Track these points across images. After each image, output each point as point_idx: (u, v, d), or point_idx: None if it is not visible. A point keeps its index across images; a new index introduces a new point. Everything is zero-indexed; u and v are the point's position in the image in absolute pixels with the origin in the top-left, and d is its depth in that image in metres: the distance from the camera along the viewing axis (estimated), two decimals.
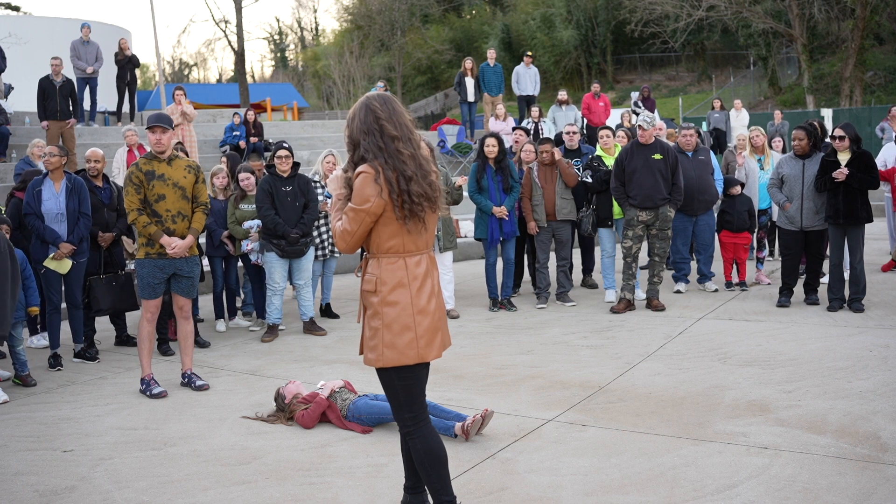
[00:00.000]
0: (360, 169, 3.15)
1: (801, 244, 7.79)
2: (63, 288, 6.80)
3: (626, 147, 7.98)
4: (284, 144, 7.49)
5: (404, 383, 3.26)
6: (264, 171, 8.31)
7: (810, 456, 4.11)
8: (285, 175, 7.37)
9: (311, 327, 7.60)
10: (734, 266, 8.79)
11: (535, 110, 14.92)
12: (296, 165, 7.48)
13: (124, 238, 7.38)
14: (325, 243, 8.03)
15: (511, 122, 15.03)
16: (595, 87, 16.31)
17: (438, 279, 3.36)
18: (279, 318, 7.49)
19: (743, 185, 8.86)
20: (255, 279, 7.88)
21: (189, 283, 5.85)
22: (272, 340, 7.36)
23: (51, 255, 6.62)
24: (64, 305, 6.89)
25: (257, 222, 7.41)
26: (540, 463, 4.20)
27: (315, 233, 7.94)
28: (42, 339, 7.44)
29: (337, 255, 8.22)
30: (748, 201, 8.79)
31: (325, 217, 7.99)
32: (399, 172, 3.13)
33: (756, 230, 9.25)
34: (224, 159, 8.87)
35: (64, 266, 6.67)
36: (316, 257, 7.97)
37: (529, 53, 17.73)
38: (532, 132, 14.07)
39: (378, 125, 3.17)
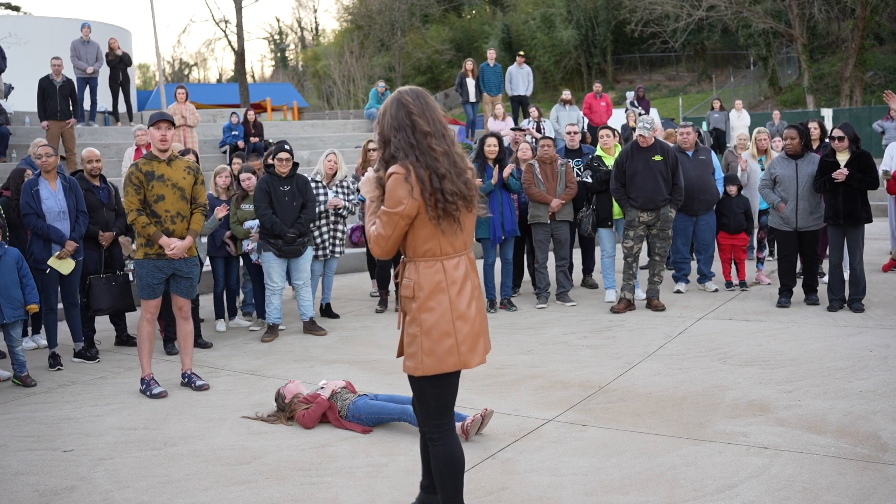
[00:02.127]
0: (391, 170, 3.04)
1: (795, 245, 7.78)
2: (60, 288, 6.81)
3: (625, 148, 7.98)
4: (286, 146, 7.48)
5: (437, 391, 3.16)
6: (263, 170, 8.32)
7: (810, 456, 4.11)
8: (284, 175, 7.37)
9: (311, 327, 7.60)
10: (733, 266, 8.79)
11: (533, 110, 14.92)
12: (294, 165, 7.48)
13: (122, 238, 7.38)
14: (326, 243, 8.03)
15: (510, 122, 15.04)
16: (597, 86, 16.31)
17: (479, 281, 3.25)
18: (279, 318, 7.49)
19: (741, 188, 8.86)
20: (256, 279, 7.88)
21: (188, 283, 5.85)
22: (272, 340, 7.36)
23: (55, 255, 6.62)
24: (61, 305, 6.90)
25: (258, 222, 7.41)
26: (540, 463, 4.20)
27: (316, 232, 7.94)
28: (31, 342, 7.42)
29: (337, 255, 8.22)
30: (745, 202, 8.79)
31: (325, 217, 7.99)
32: (432, 170, 3.02)
33: (757, 230, 9.25)
34: (238, 161, 8.87)
35: (67, 266, 6.68)
36: (316, 257, 7.97)
37: (521, 53, 17.72)
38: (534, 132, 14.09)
39: (410, 121, 3.06)
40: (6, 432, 5.04)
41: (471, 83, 16.30)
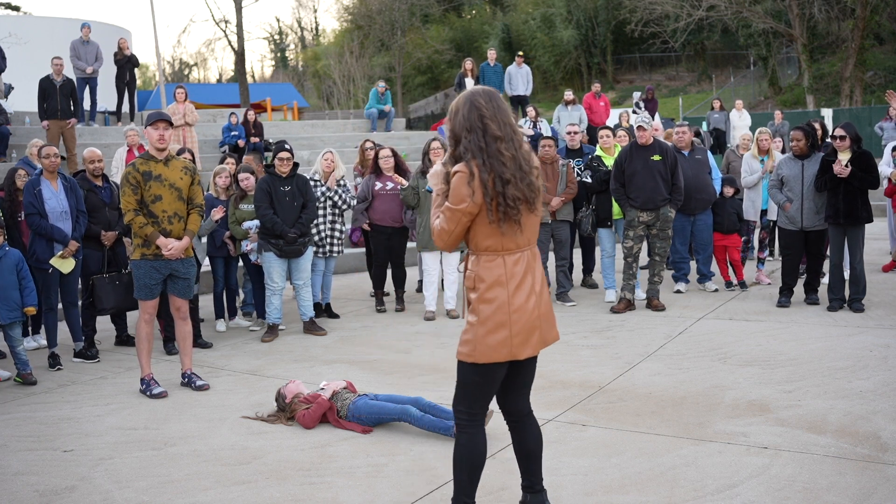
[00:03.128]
0: (456, 168, 3.10)
1: (801, 244, 7.79)
2: (59, 288, 6.81)
3: (625, 149, 7.98)
4: (286, 146, 7.47)
5: (481, 380, 3.22)
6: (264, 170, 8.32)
7: (810, 456, 4.11)
8: (284, 175, 7.37)
9: (310, 327, 7.60)
10: (730, 266, 8.81)
11: (531, 110, 14.91)
12: (295, 165, 7.48)
13: (126, 239, 7.37)
14: (325, 241, 8.04)
15: None
16: (596, 86, 16.31)
17: (543, 275, 3.30)
18: (279, 318, 7.49)
19: (737, 191, 8.87)
20: (256, 279, 7.88)
21: (185, 284, 5.84)
22: (272, 340, 7.35)
23: (58, 254, 6.63)
24: (60, 305, 6.90)
25: (256, 222, 7.41)
26: None
27: (314, 230, 7.94)
28: (32, 342, 7.43)
29: (335, 254, 8.22)
30: (738, 204, 8.81)
31: (324, 215, 7.99)
32: (497, 174, 3.05)
33: (759, 230, 9.25)
34: (231, 160, 8.85)
35: (68, 265, 6.69)
36: (316, 253, 7.98)
37: (521, 53, 17.73)
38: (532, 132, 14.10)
39: (482, 123, 3.08)
40: (6, 432, 5.04)
41: (470, 83, 16.29)
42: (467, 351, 3.17)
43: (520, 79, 16.58)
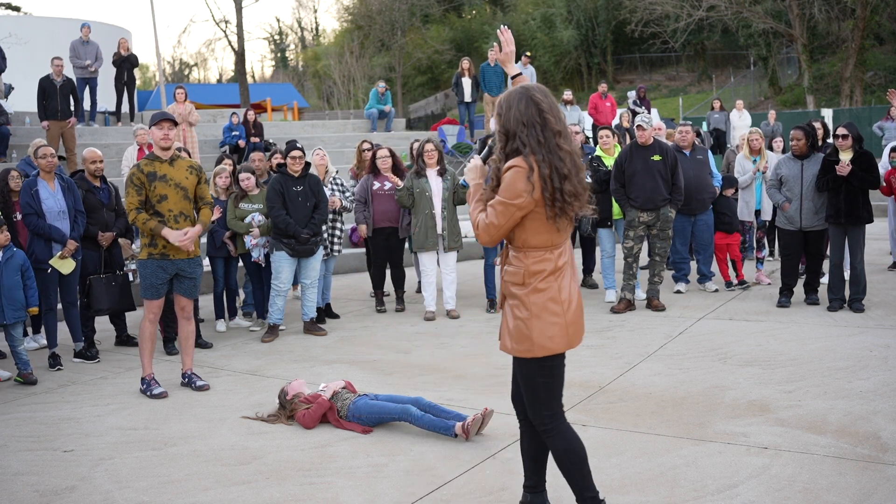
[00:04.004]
0: (512, 162, 3.07)
1: (800, 244, 7.79)
2: (59, 288, 6.81)
3: (625, 149, 7.98)
4: (297, 145, 7.45)
5: (546, 379, 3.20)
6: (269, 170, 8.32)
7: (810, 456, 4.11)
8: (296, 175, 7.35)
9: (311, 327, 7.59)
10: (731, 265, 8.84)
11: None
12: (307, 165, 7.47)
13: (121, 240, 7.37)
14: (324, 241, 8.03)
15: None
16: (602, 87, 16.33)
17: (576, 264, 3.34)
18: (280, 319, 7.49)
19: (737, 190, 8.88)
20: (255, 278, 7.88)
21: (191, 283, 5.85)
22: (272, 340, 7.35)
23: (57, 255, 6.63)
24: (60, 306, 6.90)
25: (258, 216, 7.42)
26: None
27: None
28: (32, 342, 7.43)
29: (335, 254, 8.22)
30: (733, 203, 8.84)
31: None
32: (555, 169, 3.05)
33: (756, 230, 9.25)
34: (228, 160, 8.85)
35: (68, 266, 6.69)
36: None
37: (528, 54, 17.73)
38: None
39: (541, 118, 3.07)
40: (6, 432, 5.04)
41: (467, 83, 16.29)
42: (526, 347, 3.15)
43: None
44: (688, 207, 8.39)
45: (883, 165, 9.24)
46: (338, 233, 8.15)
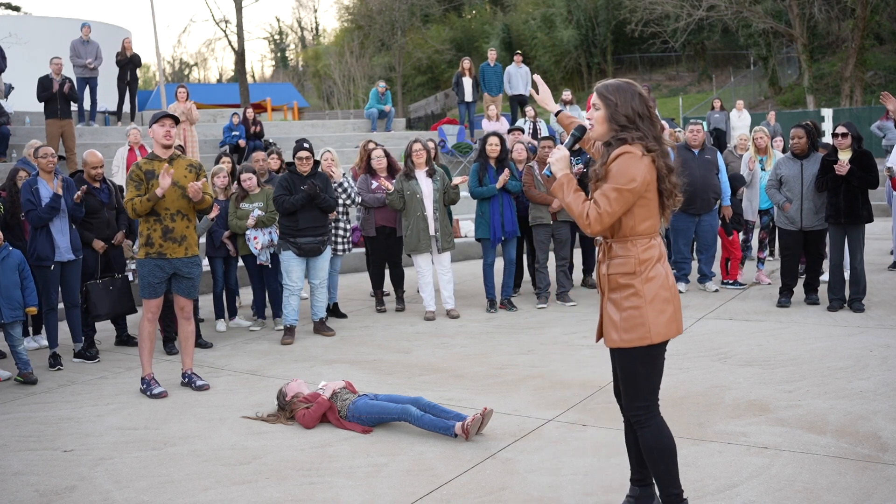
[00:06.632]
0: (623, 149, 3.11)
1: (800, 244, 7.79)
2: (60, 288, 6.81)
3: None
4: (305, 144, 7.41)
5: (648, 369, 3.23)
6: (271, 170, 8.31)
7: (810, 456, 4.11)
8: (305, 174, 7.34)
9: (320, 327, 7.56)
10: (727, 264, 8.90)
11: (529, 110, 14.88)
12: (315, 164, 7.46)
13: (122, 240, 7.35)
14: (330, 240, 8.01)
15: (504, 123, 14.94)
16: None
17: None
18: (296, 320, 7.39)
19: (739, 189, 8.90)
20: (256, 279, 7.88)
21: (190, 283, 5.84)
22: (292, 343, 7.24)
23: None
24: (61, 305, 6.89)
25: (257, 211, 7.41)
26: (540, 463, 4.20)
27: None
28: (32, 342, 7.42)
29: (340, 253, 8.19)
30: (738, 203, 8.85)
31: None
32: (664, 160, 3.15)
33: (758, 230, 9.25)
34: (227, 160, 8.84)
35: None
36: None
37: (519, 52, 17.71)
38: (531, 132, 14.08)
39: (650, 114, 3.17)
40: (6, 432, 5.04)
41: (467, 82, 16.27)
42: (640, 335, 3.16)
43: (519, 79, 16.56)
44: (692, 207, 8.37)
45: (893, 162, 9.20)
46: (342, 231, 8.14)
